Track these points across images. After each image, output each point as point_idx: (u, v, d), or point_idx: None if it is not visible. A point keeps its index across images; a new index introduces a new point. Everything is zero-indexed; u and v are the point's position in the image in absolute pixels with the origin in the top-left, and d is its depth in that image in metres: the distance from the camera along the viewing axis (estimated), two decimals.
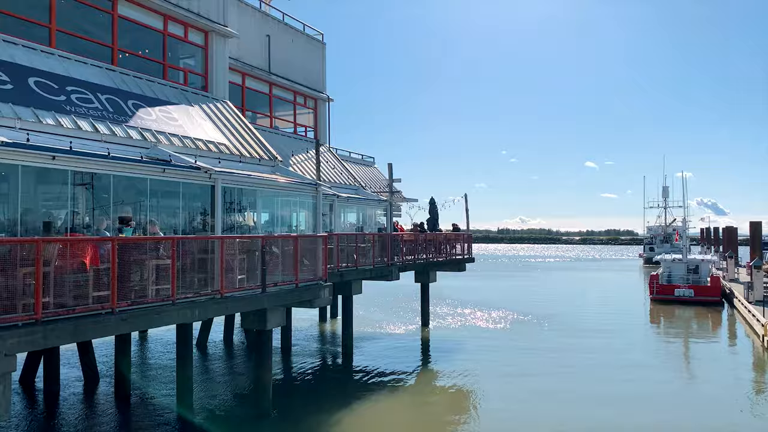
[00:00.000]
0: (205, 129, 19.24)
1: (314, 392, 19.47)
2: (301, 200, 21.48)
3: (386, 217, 29.60)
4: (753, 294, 35.63)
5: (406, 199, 33.46)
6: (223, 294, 13.40)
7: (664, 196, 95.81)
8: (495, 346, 27.00)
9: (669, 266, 45.23)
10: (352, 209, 28.57)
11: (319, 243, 17.05)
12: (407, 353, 25.22)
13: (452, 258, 30.18)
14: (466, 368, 22.28)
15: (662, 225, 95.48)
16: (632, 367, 22.86)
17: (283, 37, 28.09)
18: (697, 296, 41.18)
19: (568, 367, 22.76)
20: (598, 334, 30.02)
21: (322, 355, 25.33)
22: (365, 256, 22.44)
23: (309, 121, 30.18)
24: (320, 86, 30.46)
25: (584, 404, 18.01)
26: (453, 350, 25.79)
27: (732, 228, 68.76)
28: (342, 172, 29.06)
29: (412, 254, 26.33)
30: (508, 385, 20.22)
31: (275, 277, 15.48)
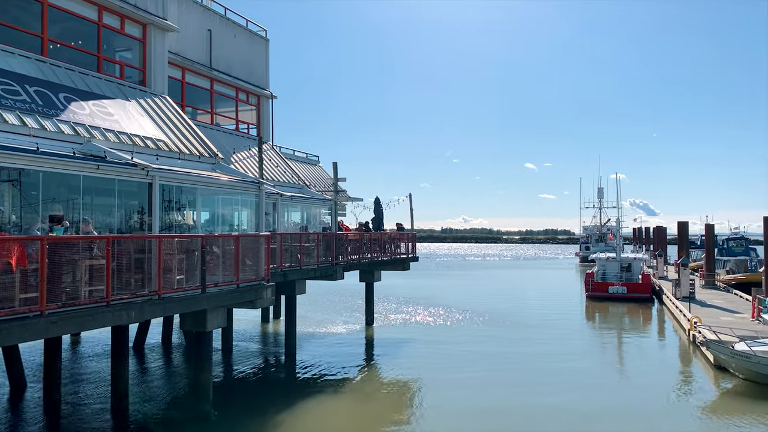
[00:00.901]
0: (142, 124, 18.61)
1: (256, 393, 19.18)
2: (243, 199, 21.10)
3: (331, 216, 29.46)
4: (680, 291, 37.50)
5: (351, 199, 33.44)
6: (160, 295, 13.00)
7: (599, 197, 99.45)
8: (438, 343, 27.34)
9: (603, 264, 47.01)
10: (296, 208, 28.30)
11: (262, 242, 16.79)
12: (351, 352, 25.20)
13: (396, 257, 30.37)
14: (409, 366, 22.47)
15: (597, 225, 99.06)
16: (568, 362, 23.63)
17: (225, 32, 27.52)
18: (630, 293, 42.98)
19: (507, 362, 23.32)
20: (536, 330, 30.89)
21: (265, 356, 24.98)
22: (309, 255, 22.26)
23: (252, 118, 29.69)
24: (263, 83, 30.01)
25: (523, 398, 18.47)
26: (397, 349, 25.95)
27: (662, 228, 72.15)
28: (286, 171, 28.73)
29: (357, 253, 26.32)
30: (450, 383, 20.52)
31: (216, 278, 15.16)
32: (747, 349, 19.84)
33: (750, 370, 19.60)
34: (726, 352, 20.40)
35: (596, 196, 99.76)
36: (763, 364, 19.15)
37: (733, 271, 51.04)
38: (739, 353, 19.89)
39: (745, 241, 58.29)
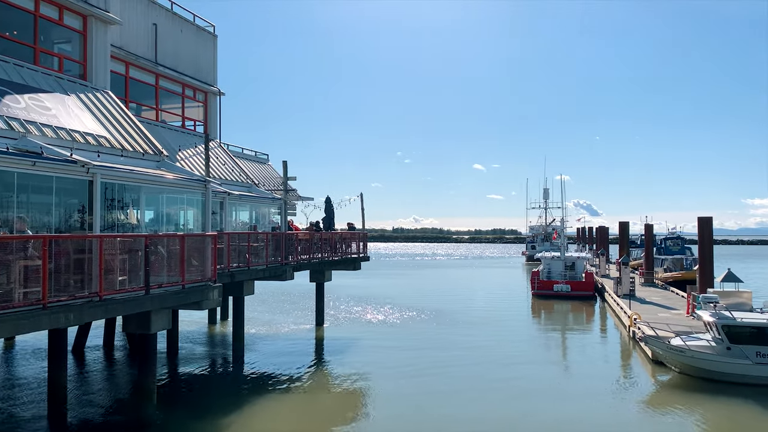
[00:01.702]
0: (82, 120, 17.93)
1: (202, 396, 18.78)
2: (189, 197, 20.61)
3: (280, 215, 29.13)
4: (621, 288, 38.91)
5: (302, 198, 33.13)
6: (102, 297, 12.56)
7: (545, 197, 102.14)
8: (388, 343, 27.46)
9: (548, 263, 48.24)
10: (245, 207, 27.84)
11: (208, 242, 16.45)
12: (301, 354, 25.00)
13: (348, 257, 30.30)
14: (359, 367, 22.47)
15: (543, 224, 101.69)
16: (514, 359, 24.14)
17: (171, 27, 26.82)
18: (574, 291, 44.27)
19: (456, 360, 23.62)
20: (483, 328, 31.44)
21: (211, 358, 24.49)
22: (258, 255, 21.95)
23: (198, 115, 29.05)
24: (211, 79, 29.41)
25: (470, 396, 18.76)
26: (347, 349, 25.91)
27: (604, 228, 74.65)
28: (233, 169, 28.24)
29: (307, 253, 26.12)
30: (400, 381, 20.63)
31: (160, 278, 14.75)
32: (682, 344, 20.76)
33: (684, 363, 20.51)
34: (663, 347, 21.28)
35: (542, 196, 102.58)
36: (697, 358, 20.07)
37: (670, 270, 53.30)
38: (674, 348, 20.78)
39: (682, 240, 60.98)
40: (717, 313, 20.40)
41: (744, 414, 16.79)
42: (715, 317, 20.12)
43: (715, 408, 17.47)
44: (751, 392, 18.34)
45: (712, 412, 17.19)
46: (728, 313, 20.27)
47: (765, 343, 19.20)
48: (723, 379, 19.51)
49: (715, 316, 20.17)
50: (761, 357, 19.16)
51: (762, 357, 19.16)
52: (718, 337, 19.90)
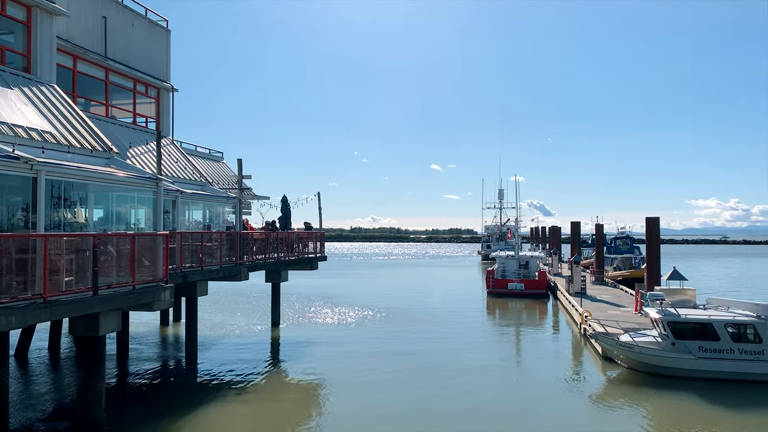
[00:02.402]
0: (26, 114, 17.22)
1: (153, 399, 18.31)
2: (141, 196, 20.09)
3: (235, 214, 28.68)
4: (572, 286, 39.89)
5: (257, 197, 32.71)
6: (46, 298, 12.09)
7: (500, 198, 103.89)
8: (345, 343, 27.39)
9: (503, 262, 49.04)
10: (198, 206, 27.28)
11: (160, 242, 16.04)
12: (256, 355, 24.67)
13: (304, 257, 30.06)
14: (315, 367, 22.34)
15: (498, 224, 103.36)
16: (468, 356, 24.44)
17: (122, 20, 26.04)
18: (527, 289, 45.13)
19: (411, 358, 23.74)
20: (439, 326, 31.72)
21: (163, 360, 23.91)
22: (212, 255, 21.55)
23: (151, 111, 28.30)
24: (164, 75, 28.70)
25: (425, 393, 18.88)
26: (303, 349, 25.71)
27: (556, 227, 76.45)
28: (187, 167, 27.64)
29: (263, 253, 25.80)
30: (356, 382, 20.60)
31: (110, 279, 14.31)
32: (630, 340, 21.42)
33: (632, 359, 21.18)
34: (612, 344, 21.91)
35: (497, 197, 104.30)
36: (644, 354, 20.75)
37: (620, 268, 54.99)
38: (623, 344, 21.43)
39: (630, 240, 62.96)
40: (663, 310, 21.13)
41: (687, 407, 17.45)
42: (661, 314, 20.84)
43: (660, 402, 18.09)
44: (694, 386, 19.07)
45: (657, 406, 17.79)
46: (673, 310, 21.02)
47: (707, 338, 19.99)
48: (668, 373, 20.23)
49: (661, 313, 20.89)
50: (703, 352, 19.95)
51: (704, 352, 19.94)
52: (664, 333, 20.61)
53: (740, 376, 19.57)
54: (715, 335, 19.90)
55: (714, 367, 19.80)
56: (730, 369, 19.70)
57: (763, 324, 19.78)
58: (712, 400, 17.71)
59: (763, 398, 18.00)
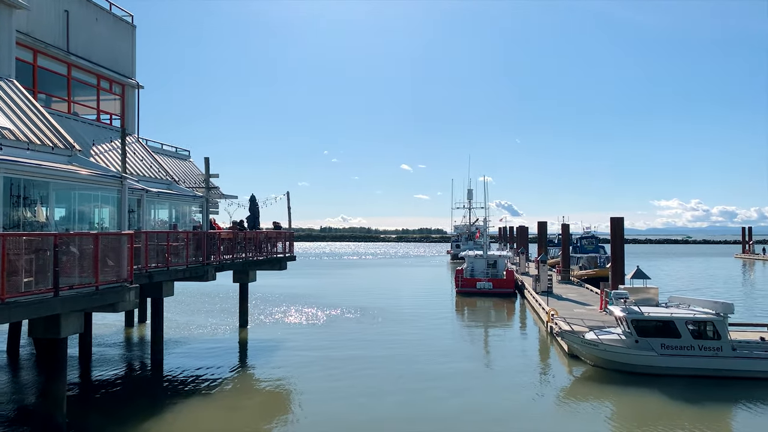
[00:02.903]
0: None
1: (117, 402, 17.92)
2: (104, 195, 19.63)
3: (202, 214, 28.28)
4: (539, 285, 40.46)
5: (225, 196, 32.30)
6: (4, 299, 11.72)
7: (469, 198, 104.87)
8: (313, 343, 27.25)
9: (472, 261, 49.45)
10: (164, 205, 26.79)
11: (125, 241, 15.70)
12: (223, 356, 24.36)
13: (273, 256, 29.80)
14: (284, 368, 22.17)
15: (467, 224, 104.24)
16: (438, 354, 24.58)
17: (85, 15, 25.41)
18: (495, 288, 45.60)
19: (381, 357, 23.76)
20: (409, 326, 31.80)
21: (128, 362, 23.43)
22: (178, 255, 21.19)
23: (115, 108, 27.69)
24: (129, 71, 28.12)
25: (395, 392, 18.91)
26: (272, 350, 25.50)
27: (524, 227, 77.41)
28: (152, 165, 27.13)
29: (231, 253, 25.48)
30: (326, 382, 20.50)
31: (72, 280, 13.94)
32: (595, 338, 21.82)
33: (597, 357, 21.58)
34: (577, 342, 22.29)
35: (466, 197, 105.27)
36: (608, 351, 21.16)
37: (585, 267, 55.98)
38: (588, 342, 21.82)
39: (595, 239, 64.15)
40: (627, 309, 21.58)
41: (649, 403, 17.85)
42: (625, 312, 21.28)
43: (624, 398, 18.48)
44: (657, 382, 19.53)
45: (622, 402, 18.17)
46: (637, 308, 21.48)
47: (669, 335, 20.49)
48: (632, 370, 20.67)
49: (625, 311, 21.33)
50: (665, 349, 20.44)
51: (666, 349, 20.44)
52: (628, 331, 21.05)
53: (700, 372, 20.12)
54: (677, 332, 20.42)
55: (675, 364, 20.32)
56: (690, 365, 20.24)
57: (721, 321, 20.37)
58: (673, 395, 18.16)
59: (720, 393, 18.53)
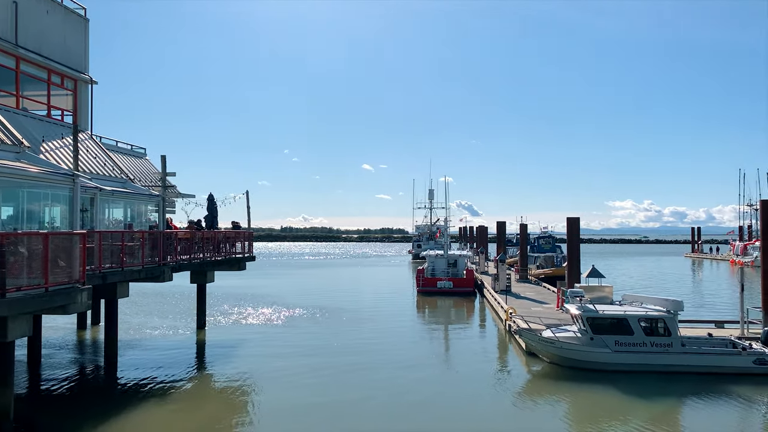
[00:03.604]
0: None
1: (68, 408, 17.34)
2: (55, 193, 19.00)
3: (159, 213, 27.65)
4: (498, 284, 41.03)
5: (182, 195, 31.64)
6: None
7: (430, 198, 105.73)
8: (273, 344, 26.97)
9: (432, 261, 49.80)
10: (119, 204, 26.09)
11: (76, 241, 15.24)
12: (180, 358, 23.87)
13: (232, 257, 29.36)
14: (243, 370, 21.87)
15: (428, 224, 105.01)
16: (399, 353, 24.66)
17: (34, 7, 24.53)
18: (456, 287, 46.05)
19: (341, 357, 23.67)
20: (370, 325, 31.82)
21: (81, 366, 22.72)
22: (133, 255, 20.68)
23: (67, 104, 26.81)
24: (82, 66, 27.26)
25: (354, 392, 18.89)
26: (230, 352, 25.12)
27: (483, 227, 78.52)
28: (106, 163, 26.38)
29: (188, 253, 25.00)
30: (285, 383, 20.31)
31: (20, 281, 13.46)
32: (552, 335, 22.25)
33: (554, 354, 22.01)
34: (535, 339, 22.69)
35: (427, 197, 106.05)
36: (564, 348, 21.61)
37: (542, 266, 57.08)
38: (545, 340, 22.24)
39: (552, 239, 65.49)
40: (582, 306, 22.07)
41: (603, 398, 18.29)
42: (581, 310, 21.77)
43: (579, 394, 18.89)
44: (611, 378, 20.03)
45: (577, 399, 18.57)
46: (592, 306, 22.00)
47: (623, 333, 21.05)
48: (587, 367, 21.15)
49: (581, 309, 21.82)
50: (619, 345, 20.99)
51: (620, 345, 20.99)
52: (583, 329, 21.54)
53: (652, 368, 20.74)
54: (630, 330, 20.99)
55: (629, 360, 20.88)
56: (643, 361, 20.84)
57: (671, 318, 21.04)
58: (626, 391, 18.66)
59: (671, 388, 19.13)
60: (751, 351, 20.83)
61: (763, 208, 25.78)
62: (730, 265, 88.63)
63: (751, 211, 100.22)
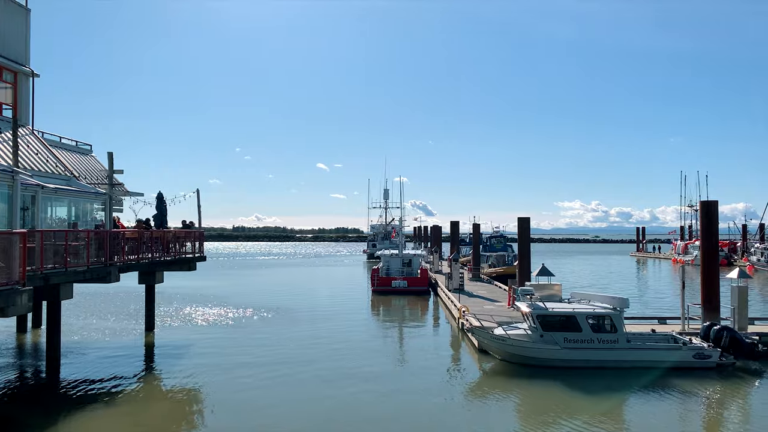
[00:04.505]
0: None
1: (7, 414, 16.58)
2: None
3: (105, 212, 26.77)
4: (452, 283, 41.48)
5: (130, 193, 30.69)
6: None
7: (385, 198, 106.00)
8: (225, 346, 26.50)
9: (387, 260, 49.97)
10: (63, 202, 25.11)
11: (16, 241, 14.59)
12: (127, 362, 23.16)
13: (182, 257, 28.67)
14: (192, 372, 21.41)
15: (383, 224, 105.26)
16: (353, 352, 24.61)
17: None
18: (410, 286, 46.34)
19: (294, 358, 23.46)
20: (324, 325, 31.65)
21: (20, 371, 21.78)
22: (78, 255, 19.93)
23: (6, 97, 25.63)
24: (22, 58, 26.12)
25: (309, 393, 18.74)
26: (180, 354, 24.55)
27: (438, 227, 79.15)
28: (49, 159, 25.35)
29: (136, 253, 24.27)
30: (236, 385, 19.96)
31: None
32: (503, 333, 22.64)
33: (505, 351, 22.40)
34: (486, 337, 23.04)
35: (383, 197, 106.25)
36: (515, 345, 22.02)
37: (494, 265, 58.05)
38: (496, 337, 22.60)
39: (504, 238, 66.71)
40: (532, 304, 22.54)
41: (552, 394, 18.71)
42: (531, 308, 22.22)
43: (529, 390, 19.27)
44: (560, 374, 20.52)
45: (527, 394, 18.95)
46: (542, 303, 22.49)
47: (571, 329, 21.60)
48: (537, 363, 21.61)
49: (531, 307, 22.28)
50: (568, 342, 21.53)
51: (568, 342, 21.53)
52: (534, 326, 21.99)
53: (599, 364, 21.35)
54: (578, 326, 21.56)
55: (577, 356, 21.44)
56: (590, 357, 21.43)
57: (618, 315, 21.72)
58: (575, 386, 19.16)
59: (617, 382, 19.73)
60: (691, 346, 21.72)
61: (703, 209, 26.94)
62: (672, 264, 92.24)
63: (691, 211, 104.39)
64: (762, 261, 75.42)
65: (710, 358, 21.28)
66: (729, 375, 20.69)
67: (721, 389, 19.25)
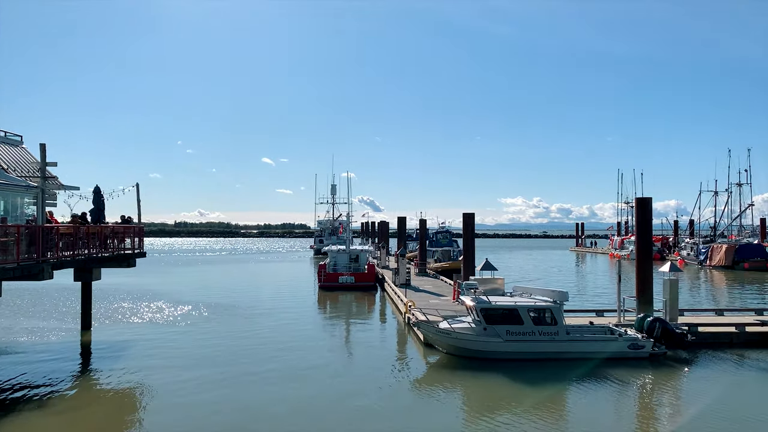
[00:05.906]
0: None
1: None
2: None
3: (37, 206, 25.52)
4: (398, 278, 41.79)
5: (64, 187, 29.35)
6: None
7: (333, 193, 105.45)
8: (165, 344, 25.80)
9: (334, 256, 49.81)
10: None
11: None
12: (63, 362, 22.21)
13: (120, 253, 27.68)
14: (132, 372, 20.74)
15: (330, 219, 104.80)
16: (299, 348, 24.40)
17: None
18: (357, 282, 46.35)
19: (238, 355, 23.08)
20: (269, 321, 31.28)
21: None
22: (7, 251, 18.95)
23: None
24: None
25: (254, 391, 18.49)
26: (118, 353, 23.73)
27: (385, 222, 79.51)
28: None
29: (71, 249, 23.26)
30: (178, 386, 19.44)
31: None
32: (448, 327, 22.96)
33: (450, 344, 22.72)
34: (432, 331, 23.31)
35: (330, 192, 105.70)
36: (460, 339, 22.37)
37: (440, 260, 58.86)
38: (441, 331, 22.90)
39: (449, 234, 67.64)
40: (476, 298, 22.94)
41: (496, 385, 19.13)
42: (475, 302, 22.61)
43: (474, 382, 19.63)
44: (503, 366, 20.99)
45: (472, 386, 19.29)
46: (485, 297, 22.92)
47: (513, 322, 22.11)
48: (481, 356, 22.03)
49: (475, 301, 22.67)
50: (510, 335, 22.04)
51: (511, 335, 22.03)
52: (477, 319, 22.39)
53: (540, 356, 21.96)
54: (520, 319, 22.09)
55: (519, 348, 21.98)
56: (532, 349, 22.01)
57: (558, 308, 22.38)
58: (517, 378, 19.64)
59: (557, 373, 20.35)
60: (626, 337, 22.64)
61: (638, 205, 28.08)
62: (609, 258, 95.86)
63: (627, 208, 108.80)
64: (692, 255, 79.39)
65: (644, 349, 22.23)
66: (661, 364, 21.69)
67: (654, 378, 20.15)
